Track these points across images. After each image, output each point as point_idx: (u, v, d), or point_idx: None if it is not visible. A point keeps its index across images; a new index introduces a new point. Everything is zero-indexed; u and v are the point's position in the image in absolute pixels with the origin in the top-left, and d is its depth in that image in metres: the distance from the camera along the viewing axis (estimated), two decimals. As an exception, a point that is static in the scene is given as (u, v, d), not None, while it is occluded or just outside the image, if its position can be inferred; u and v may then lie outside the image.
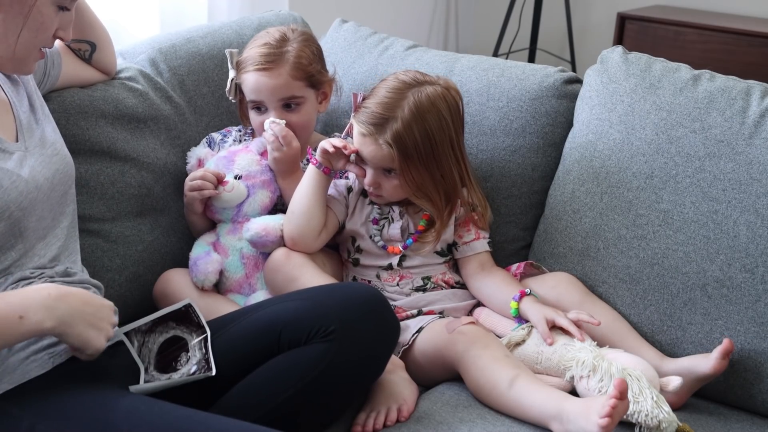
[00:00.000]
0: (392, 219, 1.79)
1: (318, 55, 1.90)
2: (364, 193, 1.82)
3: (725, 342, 1.58)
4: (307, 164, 1.84)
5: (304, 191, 1.76)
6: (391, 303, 1.72)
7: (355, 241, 1.81)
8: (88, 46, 1.77)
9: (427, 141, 1.68)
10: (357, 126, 1.72)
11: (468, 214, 1.79)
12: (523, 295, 1.68)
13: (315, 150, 1.78)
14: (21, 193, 1.39)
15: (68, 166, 1.53)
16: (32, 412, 1.29)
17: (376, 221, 1.79)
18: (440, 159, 1.70)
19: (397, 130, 1.67)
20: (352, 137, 1.77)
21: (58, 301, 1.29)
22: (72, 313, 1.29)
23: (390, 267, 1.78)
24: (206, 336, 1.44)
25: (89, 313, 1.31)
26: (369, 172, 1.73)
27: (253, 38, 1.91)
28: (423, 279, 1.78)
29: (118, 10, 2.35)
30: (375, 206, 1.80)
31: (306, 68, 1.84)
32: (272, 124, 1.81)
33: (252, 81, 1.83)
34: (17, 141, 1.45)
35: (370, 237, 1.79)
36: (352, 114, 1.75)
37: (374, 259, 1.80)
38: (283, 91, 1.83)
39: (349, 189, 1.83)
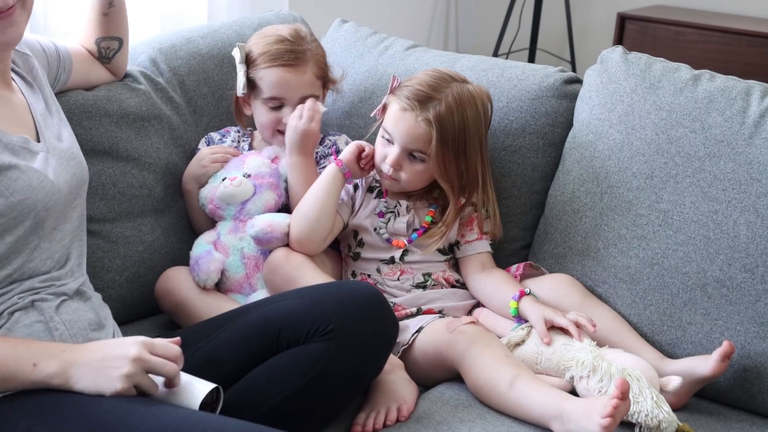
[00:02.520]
0: (398, 213, 1.79)
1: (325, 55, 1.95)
2: (370, 189, 1.83)
3: (725, 344, 1.57)
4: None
5: (319, 195, 1.76)
6: (391, 300, 1.73)
7: (357, 235, 1.81)
8: (117, 44, 1.79)
9: (462, 131, 1.70)
10: (397, 102, 1.73)
11: (477, 214, 1.79)
12: (522, 294, 1.68)
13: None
14: (47, 194, 1.41)
15: (84, 170, 1.55)
16: (28, 414, 1.29)
17: (382, 214, 1.80)
18: (468, 153, 1.73)
19: (440, 111, 1.69)
20: (380, 118, 1.78)
21: (70, 353, 1.32)
22: (79, 366, 1.30)
23: (392, 261, 1.78)
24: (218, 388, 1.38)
25: (97, 360, 1.31)
26: (394, 152, 1.73)
27: (259, 33, 1.92)
28: (424, 275, 1.78)
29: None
30: (382, 200, 1.81)
31: (324, 68, 1.90)
32: (313, 101, 1.84)
33: (277, 77, 1.85)
34: (39, 141, 1.47)
35: (375, 230, 1.79)
36: (387, 95, 1.77)
37: (376, 253, 1.79)
38: (307, 89, 1.86)
39: (355, 187, 1.83)
